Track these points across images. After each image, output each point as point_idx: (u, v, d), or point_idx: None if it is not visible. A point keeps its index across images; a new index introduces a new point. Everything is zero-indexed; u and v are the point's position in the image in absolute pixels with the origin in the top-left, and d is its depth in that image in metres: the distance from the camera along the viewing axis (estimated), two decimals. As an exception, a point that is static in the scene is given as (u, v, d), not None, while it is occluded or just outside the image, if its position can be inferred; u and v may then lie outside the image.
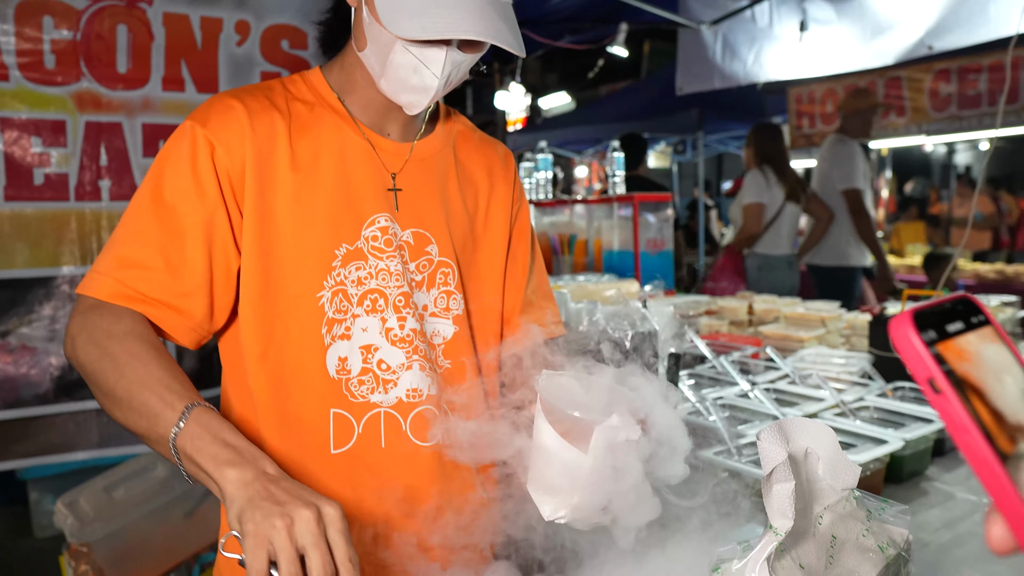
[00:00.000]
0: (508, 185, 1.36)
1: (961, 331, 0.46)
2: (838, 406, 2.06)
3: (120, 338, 0.99)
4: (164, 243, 1.06)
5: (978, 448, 0.42)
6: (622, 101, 9.23)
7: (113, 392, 0.97)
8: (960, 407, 0.42)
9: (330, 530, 0.82)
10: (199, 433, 0.90)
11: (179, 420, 0.91)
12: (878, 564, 1.04)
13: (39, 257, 2.93)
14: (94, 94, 2.93)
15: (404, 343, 1.16)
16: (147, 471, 3.11)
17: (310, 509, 0.81)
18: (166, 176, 1.09)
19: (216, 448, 0.88)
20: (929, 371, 0.43)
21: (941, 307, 0.47)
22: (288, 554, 0.79)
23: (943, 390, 0.43)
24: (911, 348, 0.44)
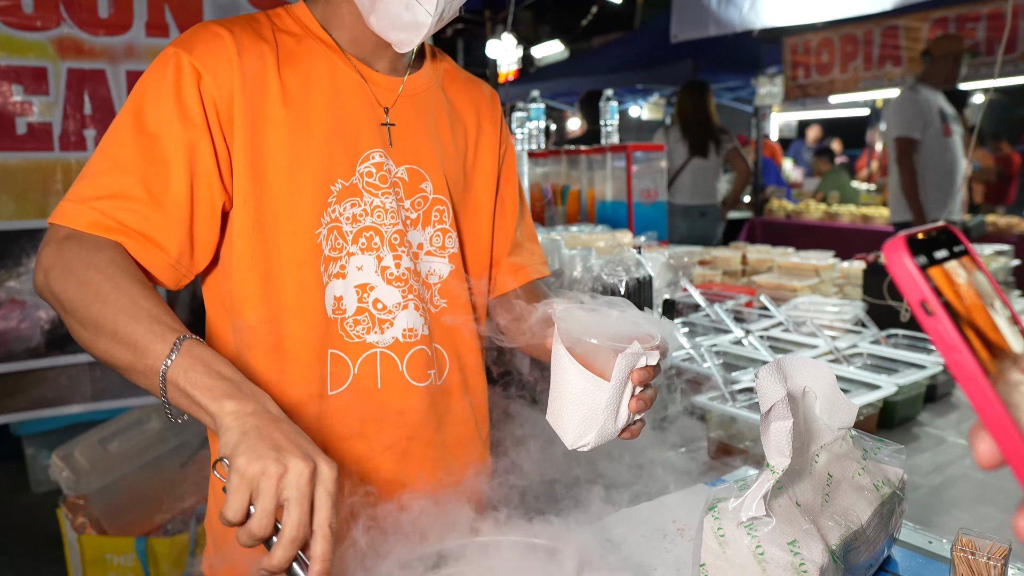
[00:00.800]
0: (495, 125, 1.33)
1: (946, 258, 0.48)
2: (832, 352, 2.07)
3: (101, 267, 0.93)
4: (146, 172, 1.00)
5: (967, 365, 0.44)
6: (615, 52, 9.10)
7: (95, 322, 0.91)
8: (951, 327, 0.44)
9: (319, 489, 0.79)
10: (192, 365, 0.86)
11: (170, 352, 0.86)
12: (873, 502, 1.04)
13: (25, 209, 2.87)
14: (75, 40, 2.84)
15: (400, 282, 1.14)
16: (141, 424, 3.11)
17: (306, 463, 0.78)
18: (147, 102, 1.02)
19: (212, 380, 0.85)
20: (922, 293, 0.45)
21: (928, 235, 0.48)
22: (267, 504, 0.76)
23: (935, 311, 0.45)
24: (905, 271, 0.46)
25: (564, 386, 1.01)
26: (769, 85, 7.70)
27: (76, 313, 0.93)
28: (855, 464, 1.08)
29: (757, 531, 0.95)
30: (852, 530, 0.99)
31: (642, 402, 1.02)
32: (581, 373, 0.99)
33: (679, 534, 1.22)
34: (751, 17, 4.98)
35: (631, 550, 1.17)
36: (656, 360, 0.99)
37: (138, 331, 0.88)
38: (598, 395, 0.99)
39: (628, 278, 1.79)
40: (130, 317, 0.89)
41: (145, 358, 0.88)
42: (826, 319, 2.46)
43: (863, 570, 1.04)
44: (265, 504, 0.76)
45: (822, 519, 0.99)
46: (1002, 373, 0.45)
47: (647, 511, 1.30)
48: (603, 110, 3.73)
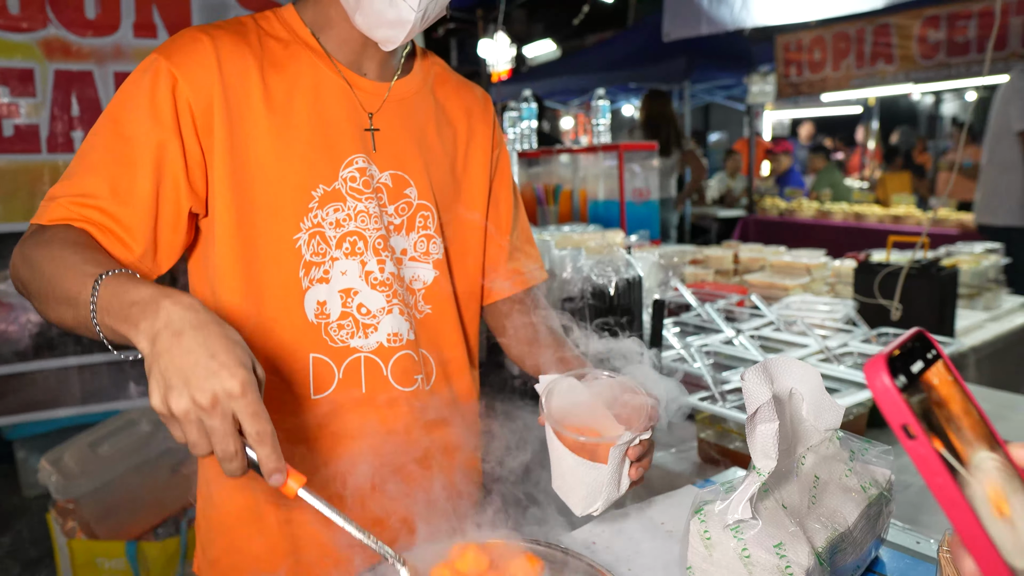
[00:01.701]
0: (488, 128, 1.32)
1: (923, 369, 0.48)
2: (822, 352, 2.07)
3: (46, 244, 0.95)
4: (113, 173, 1.01)
5: (949, 490, 0.45)
6: (608, 50, 9.10)
7: (41, 292, 0.93)
8: (932, 451, 0.45)
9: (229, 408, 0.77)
10: (109, 300, 0.84)
11: (92, 295, 0.85)
12: (860, 504, 1.04)
13: (12, 211, 2.86)
14: (62, 41, 2.83)
15: (384, 287, 1.14)
16: (131, 427, 3.10)
17: (203, 392, 0.76)
18: (123, 106, 1.04)
19: (126, 309, 0.82)
20: (904, 417, 0.45)
21: (906, 346, 0.49)
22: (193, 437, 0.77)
23: (917, 435, 0.45)
24: (887, 394, 0.45)
25: (563, 469, 1.06)
26: (762, 83, 7.70)
27: (31, 289, 0.95)
28: (842, 466, 1.07)
29: (743, 534, 0.95)
30: (839, 532, 0.98)
31: (641, 469, 1.07)
32: (576, 460, 1.03)
33: (668, 535, 1.21)
34: (743, 16, 4.99)
35: (619, 551, 1.16)
36: (649, 435, 1.04)
37: (69, 286, 0.89)
38: (597, 476, 1.03)
39: (618, 279, 1.78)
40: (62, 276, 0.90)
41: (80, 309, 0.87)
42: (817, 318, 2.46)
43: (850, 571, 1.03)
44: (192, 437, 0.77)
45: (808, 521, 0.99)
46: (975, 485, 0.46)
47: (636, 511, 1.29)
48: (594, 109, 3.73)
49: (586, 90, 8.50)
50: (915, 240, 2.57)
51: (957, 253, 3.27)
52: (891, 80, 6.37)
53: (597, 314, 1.78)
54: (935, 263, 2.50)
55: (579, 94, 9.10)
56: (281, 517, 1.14)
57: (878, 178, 9.22)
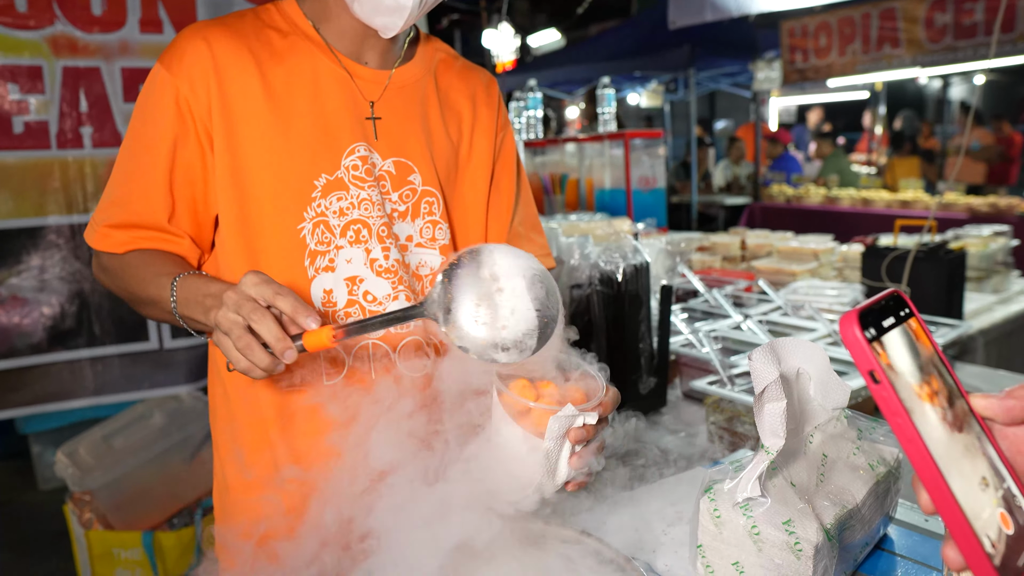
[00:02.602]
0: (492, 112, 1.33)
1: (894, 325, 0.54)
2: (830, 335, 2.07)
3: (118, 258, 1.14)
4: (134, 187, 1.13)
5: (907, 429, 0.51)
6: (613, 39, 9.06)
7: (134, 299, 1.14)
8: (893, 394, 0.51)
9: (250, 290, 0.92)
10: (187, 297, 1.03)
11: (171, 296, 1.04)
12: (868, 481, 1.05)
13: (23, 207, 2.88)
14: (70, 38, 2.84)
15: (389, 274, 1.15)
16: (145, 419, 3.13)
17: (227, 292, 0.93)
18: (137, 122, 1.13)
19: (200, 302, 1.00)
20: (871, 364, 0.51)
21: (880, 304, 0.54)
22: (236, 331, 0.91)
23: (881, 380, 0.51)
24: (857, 343, 0.51)
25: (499, 443, 0.98)
26: (767, 70, 7.67)
27: (126, 299, 1.17)
28: (850, 444, 1.09)
29: (752, 511, 0.96)
30: (847, 509, 1.00)
31: (581, 460, 0.97)
32: (515, 432, 0.96)
33: (678, 516, 1.23)
34: (747, 2, 4.97)
35: (631, 534, 1.18)
36: (595, 420, 0.94)
37: (152, 291, 1.08)
38: (533, 453, 0.95)
39: (625, 265, 1.79)
40: (146, 283, 1.09)
41: (165, 308, 1.06)
42: (825, 303, 2.47)
43: (859, 548, 1.04)
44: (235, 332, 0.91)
45: (817, 499, 1.00)
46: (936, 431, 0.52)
47: (646, 494, 1.31)
48: (600, 98, 3.73)
49: (591, 79, 8.48)
50: (923, 224, 2.57)
51: (965, 236, 3.27)
52: (898, 64, 6.33)
53: (605, 300, 1.79)
54: (943, 246, 2.50)
55: (584, 83, 9.08)
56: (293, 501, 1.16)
57: (886, 163, 9.17)
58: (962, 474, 0.51)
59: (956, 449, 0.52)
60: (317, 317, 0.91)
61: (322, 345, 0.92)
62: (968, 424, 0.55)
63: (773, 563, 0.95)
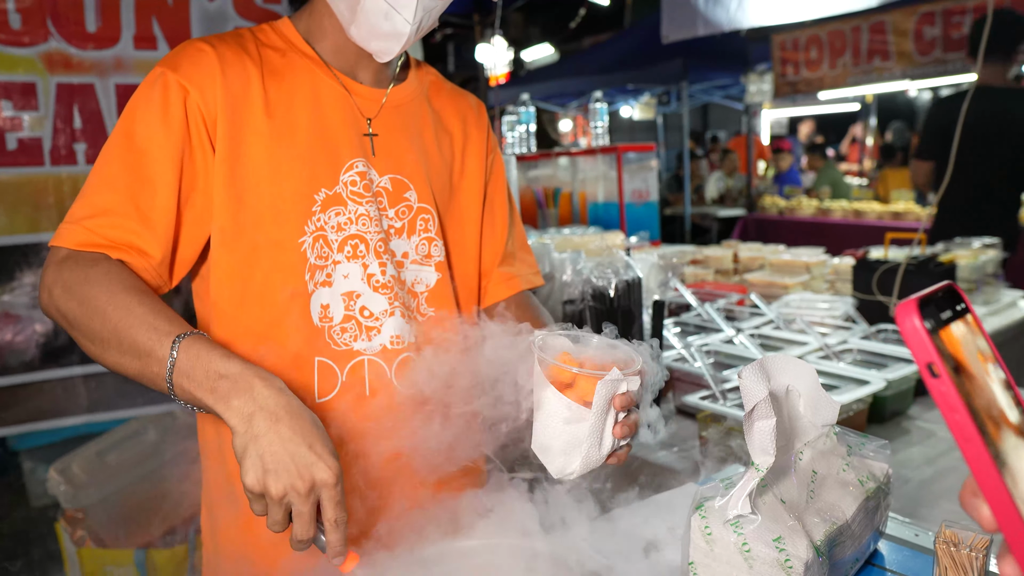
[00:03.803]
0: (482, 135, 1.35)
1: (951, 318, 0.50)
2: (822, 349, 2.08)
3: (97, 281, 0.97)
4: (133, 188, 1.04)
5: (965, 426, 0.47)
6: (606, 52, 9.12)
7: (99, 336, 0.96)
8: (953, 389, 0.47)
9: (323, 497, 0.88)
10: (192, 367, 0.90)
11: (170, 356, 0.91)
12: (858, 497, 1.06)
13: (17, 224, 2.88)
14: (64, 54, 2.86)
15: (386, 289, 1.16)
16: (139, 435, 3.12)
17: (303, 481, 0.86)
18: (136, 121, 1.06)
19: (212, 381, 0.89)
20: (930, 356, 0.47)
21: (935, 295, 0.51)
22: (277, 516, 0.87)
23: (940, 374, 0.47)
24: (916, 333, 0.48)
25: (546, 416, 1.01)
26: (759, 83, 7.74)
27: (81, 328, 0.98)
28: (839, 460, 1.09)
29: (743, 528, 0.96)
30: (837, 525, 1.00)
31: (626, 428, 1.01)
32: (562, 401, 0.99)
33: (669, 532, 1.23)
34: (739, 16, 5.01)
35: (621, 548, 1.18)
36: (636, 385, 0.99)
37: (138, 340, 0.93)
38: (580, 423, 0.98)
39: (617, 280, 1.80)
40: (128, 327, 0.94)
41: (151, 365, 0.93)
42: (817, 316, 2.48)
43: (849, 564, 1.05)
44: (276, 516, 0.88)
45: (807, 515, 1.01)
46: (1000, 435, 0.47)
47: (639, 510, 1.31)
48: (592, 111, 3.75)
49: (584, 93, 8.52)
50: (913, 236, 2.58)
51: (955, 248, 3.29)
52: (888, 77, 6.39)
53: (598, 316, 1.80)
54: (933, 258, 2.52)
55: (577, 96, 9.13)
56: None
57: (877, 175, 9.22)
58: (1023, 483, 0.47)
59: (1019, 454, 0.48)
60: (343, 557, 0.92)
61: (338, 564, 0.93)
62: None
63: (764, 580, 0.95)
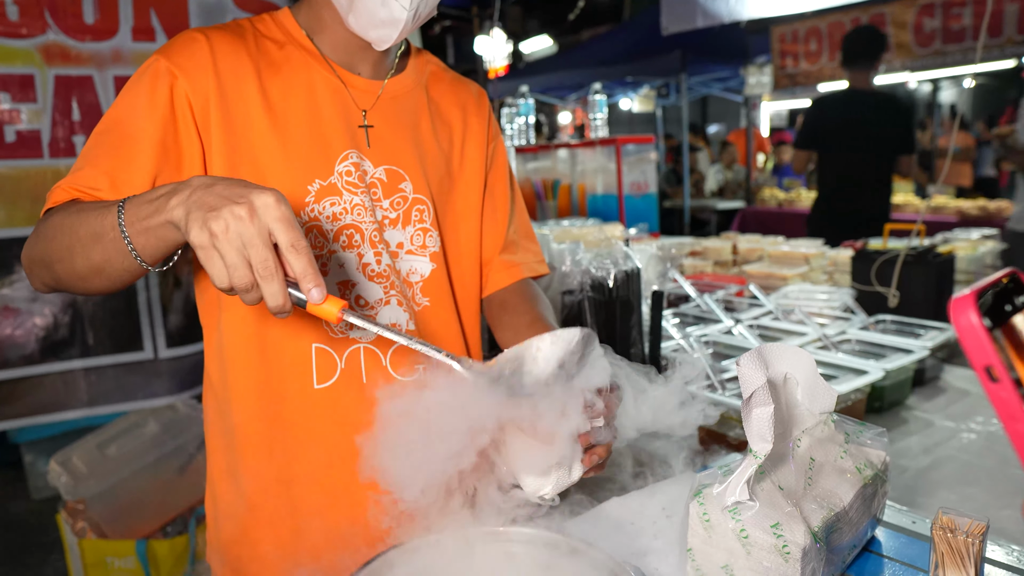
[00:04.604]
0: (483, 122, 1.35)
1: (1014, 311, 0.45)
2: (820, 340, 2.09)
3: (56, 217, 0.99)
4: (113, 167, 1.04)
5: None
6: (605, 45, 9.11)
7: (67, 248, 0.95)
8: (1015, 396, 0.41)
9: (267, 218, 0.78)
10: (134, 208, 0.87)
11: (118, 215, 0.88)
12: (855, 484, 1.06)
13: (15, 217, 2.88)
14: (62, 46, 2.85)
15: (381, 278, 1.16)
16: (138, 428, 3.13)
17: (241, 206, 0.78)
18: (123, 105, 1.08)
19: (153, 203, 0.85)
20: (988, 358, 0.42)
21: (997, 286, 0.45)
22: (233, 259, 0.78)
23: (1001, 378, 0.42)
24: (973, 332, 0.42)
25: (514, 444, 0.99)
26: (758, 75, 7.72)
27: (52, 255, 0.98)
28: (837, 448, 1.10)
29: (741, 515, 0.97)
30: (835, 512, 1.01)
31: (595, 457, 1.00)
32: (524, 441, 0.97)
33: (668, 520, 1.24)
34: (738, 8, 5.01)
35: (620, 538, 1.19)
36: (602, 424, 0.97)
37: (91, 224, 0.92)
38: (546, 456, 0.97)
39: (616, 271, 1.80)
40: (81, 224, 0.93)
41: (109, 237, 0.90)
42: (815, 307, 2.49)
43: (847, 551, 1.06)
44: (231, 259, 0.78)
45: (805, 502, 1.01)
46: None
47: (637, 499, 1.32)
48: (591, 104, 3.74)
49: (583, 85, 8.51)
50: (911, 228, 2.59)
51: (954, 239, 3.29)
52: (887, 69, 6.38)
53: (596, 306, 1.80)
54: (931, 249, 2.53)
55: (576, 89, 9.11)
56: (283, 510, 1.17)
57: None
58: None
59: None
60: (323, 288, 0.81)
61: (325, 316, 0.82)
62: None
63: (762, 566, 0.96)
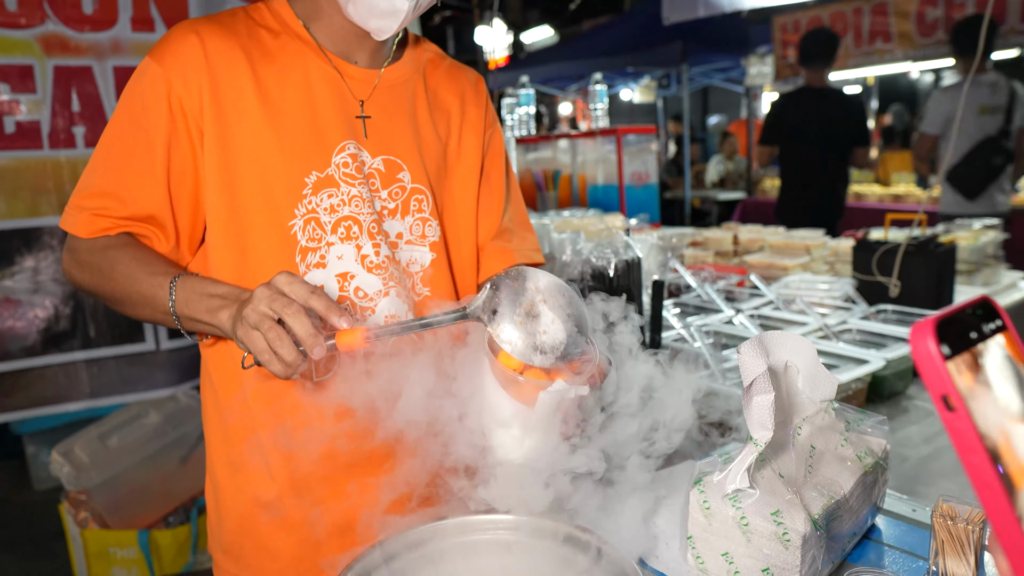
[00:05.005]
0: (480, 110, 1.34)
1: (979, 339, 0.44)
2: (821, 329, 2.09)
3: (100, 252, 1.11)
4: (126, 181, 1.11)
5: (984, 470, 0.41)
6: (605, 35, 9.07)
7: (115, 297, 1.12)
8: (971, 427, 0.41)
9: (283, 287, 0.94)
10: (188, 297, 1.04)
11: (170, 294, 1.05)
12: (856, 472, 1.06)
13: (16, 209, 2.88)
14: (61, 37, 2.84)
15: (380, 269, 1.16)
16: (140, 418, 3.13)
17: (259, 288, 0.95)
18: (126, 113, 1.12)
19: (206, 302, 1.03)
20: (945, 387, 0.42)
21: (964, 312, 0.45)
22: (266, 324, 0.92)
23: (957, 408, 0.42)
24: (929, 360, 0.42)
25: (495, 407, 1.00)
26: (759, 65, 7.69)
27: (101, 295, 1.14)
28: (837, 436, 1.10)
29: (741, 503, 0.97)
30: (835, 500, 1.01)
31: (571, 427, 1.01)
32: (506, 400, 0.99)
33: (668, 509, 1.24)
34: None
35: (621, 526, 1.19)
36: (586, 392, 0.96)
37: (143, 290, 1.08)
38: (524, 421, 0.99)
39: (617, 260, 1.80)
40: (134, 281, 1.08)
41: (158, 308, 1.07)
42: (816, 296, 2.48)
43: (847, 538, 1.06)
44: (265, 324, 0.92)
45: (805, 490, 1.01)
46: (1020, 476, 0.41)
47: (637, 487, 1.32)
48: (592, 94, 3.73)
49: (584, 76, 8.48)
50: (913, 218, 2.58)
51: (956, 230, 3.28)
52: (889, 59, 6.35)
53: (597, 296, 1.80)
54: (933, 239, 2.52)
55: (576, 79, 9.08)
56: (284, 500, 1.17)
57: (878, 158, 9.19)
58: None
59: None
60: (349, 317, 0.95)
61: (354, 345, 0.94)
62: None
63: (762, 553, 0.96)
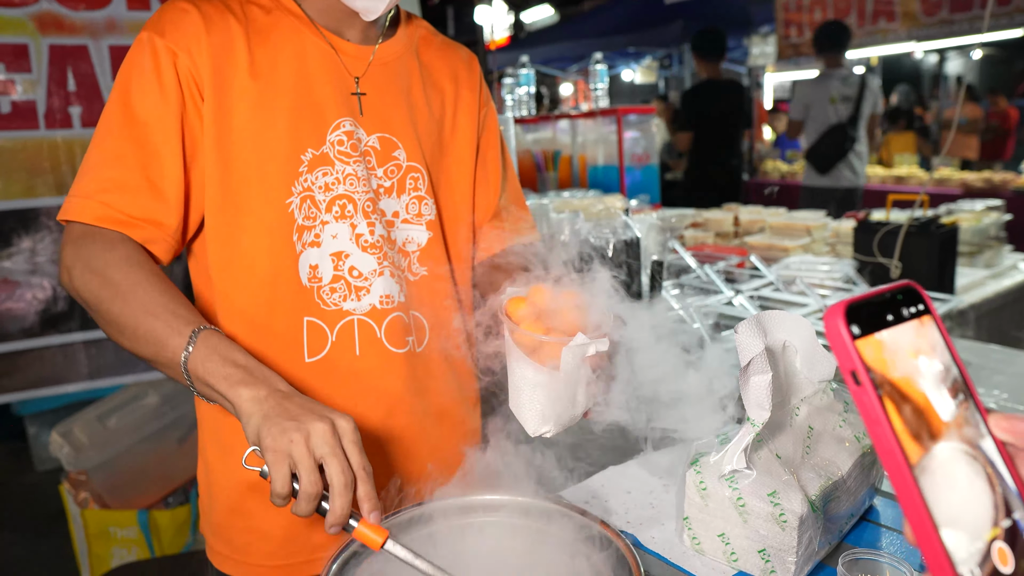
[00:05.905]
0: (474, 90, 1.32)
1: (895, 322, 0.47)
2: (822, 311, 2.08)
3: (118, 265, 1.00)
4: (142, 160, 1.05)
5: (886, 440, 0.44)
6: (606, 15, 9.01)
7: (118, 321, 0.98)
8: (875, 400, 0.44)
9: (344, 441, 0.85)
10: (208, 355, 0.92)
11: (187, 344, 0.93)
12: (854, 453, 1.06)
13: (12, 189, 2.86)
14: (55, 15, 2.81)
15: (375, 249, 1.15)
16: (139, 399, 3.14)
17: (324, 422, 0.84)
18: (133, 91, 1.06)
19: (227, 369, 0.90)
20: (852, 363, 0.45)
21: (883, 297, 0.48)
22: (307, 464, 0.81)
23: (863, 383, 0.45)
24: (839, 339, 0.45)
25: (518, 379, 1.00)
26: (762, 45, 7.64)
27: (99, 311, 1.01)
28: (836, 416, 1.09)
29: (738, 483, 0.97)
30: (832, 480, 1.00)
31: (597, 385, 1.00)
32: (531, 366, 0.98)
33: (664, 489, 1.24)
34: (741, -24, 4.92)
35: (617, 506, 1.19)
36: (606, 346, 0.96)
37: (158, 326, 0.96)
38: (552, 386, 0.98)
39: (616, 240, 1.79)
40: (148, 313, 0.97)
41: (166, 351, 0.95)
42: (817, 278, 2.47)
43: (844, 519, 1.05)
44: (306, 464, 0.82)
45: (803, 470, 1.01)
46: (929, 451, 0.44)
47: (634, 467, 1.32)
48: (593, 74, 3.70)
49: (584, 56, 8.42)
50: (915, 199, 2.56)
51: (958, 211, 3.26)
52: (893, 39, 6.30)
53: (596, 277, 1.79)
54: (934, 220, 2.50)
55: (577, 60, 9.02)
56: None
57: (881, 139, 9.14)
58: (953, 501, 0.44)
59: (952, 472, 0.45)
60: (379, 513, 0.85)
61: (367, 543, 0.84)
62: (980, 445, 0.47)
63: (758, 534, 0.96)
